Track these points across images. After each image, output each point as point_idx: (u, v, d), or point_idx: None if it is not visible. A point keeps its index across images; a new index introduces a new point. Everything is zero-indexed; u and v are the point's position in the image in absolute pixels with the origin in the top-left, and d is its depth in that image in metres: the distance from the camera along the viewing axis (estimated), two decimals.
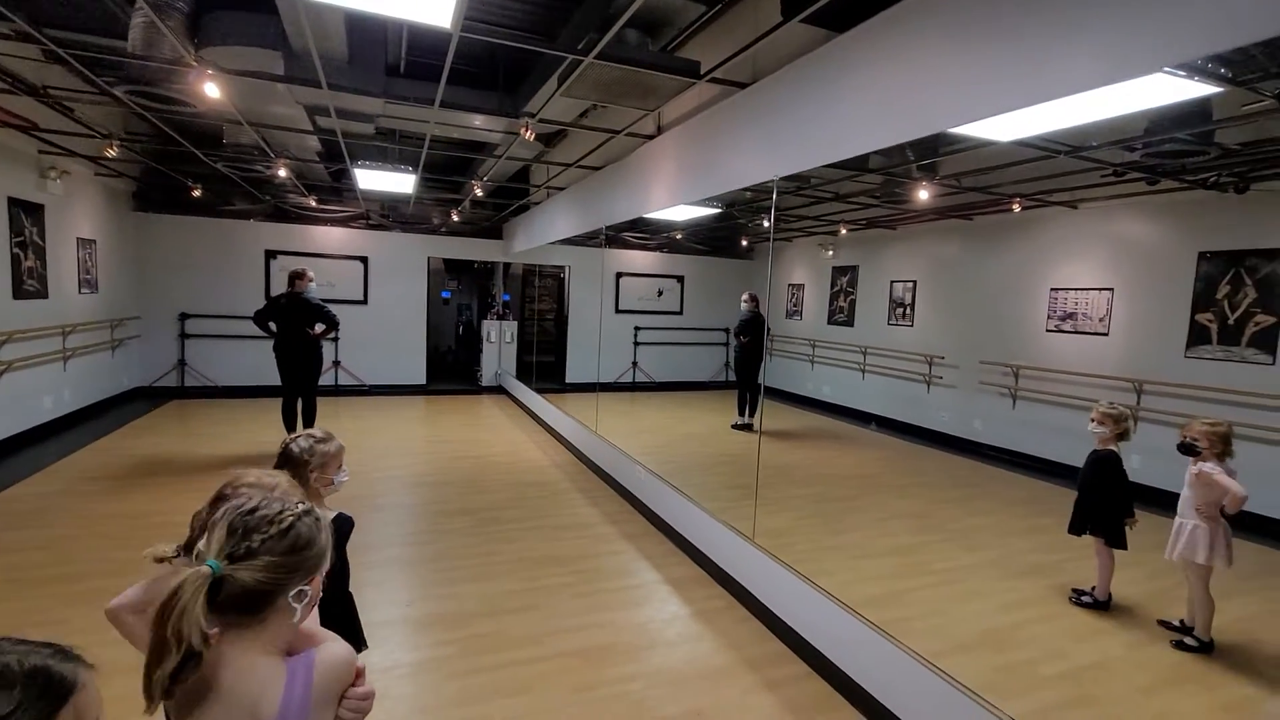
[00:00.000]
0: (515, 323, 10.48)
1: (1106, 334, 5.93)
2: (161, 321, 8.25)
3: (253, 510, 0.93)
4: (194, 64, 3.33)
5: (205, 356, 8.44)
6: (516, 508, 4.66)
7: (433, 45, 4.24)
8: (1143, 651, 2.98)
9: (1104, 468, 3.33)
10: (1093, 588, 3.40)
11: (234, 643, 0.89)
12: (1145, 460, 5.51)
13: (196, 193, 7.30)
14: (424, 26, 2.63)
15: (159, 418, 7.15)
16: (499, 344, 10.28)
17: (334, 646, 0.99)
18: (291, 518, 0.94)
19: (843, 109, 2.66)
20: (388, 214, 9.26)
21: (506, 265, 10.87)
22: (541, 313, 11.71)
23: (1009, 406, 6.68)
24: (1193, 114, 3.60)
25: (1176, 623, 3.12)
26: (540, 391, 8.21)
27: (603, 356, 9.90)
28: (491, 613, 3.10)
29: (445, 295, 12.24)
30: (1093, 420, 3.37)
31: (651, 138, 4.53)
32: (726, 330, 10.95)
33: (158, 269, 8.18)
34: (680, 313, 10.87)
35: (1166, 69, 1.99)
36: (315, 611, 1.09)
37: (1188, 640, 2.99)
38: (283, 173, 5.87)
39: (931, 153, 4.80)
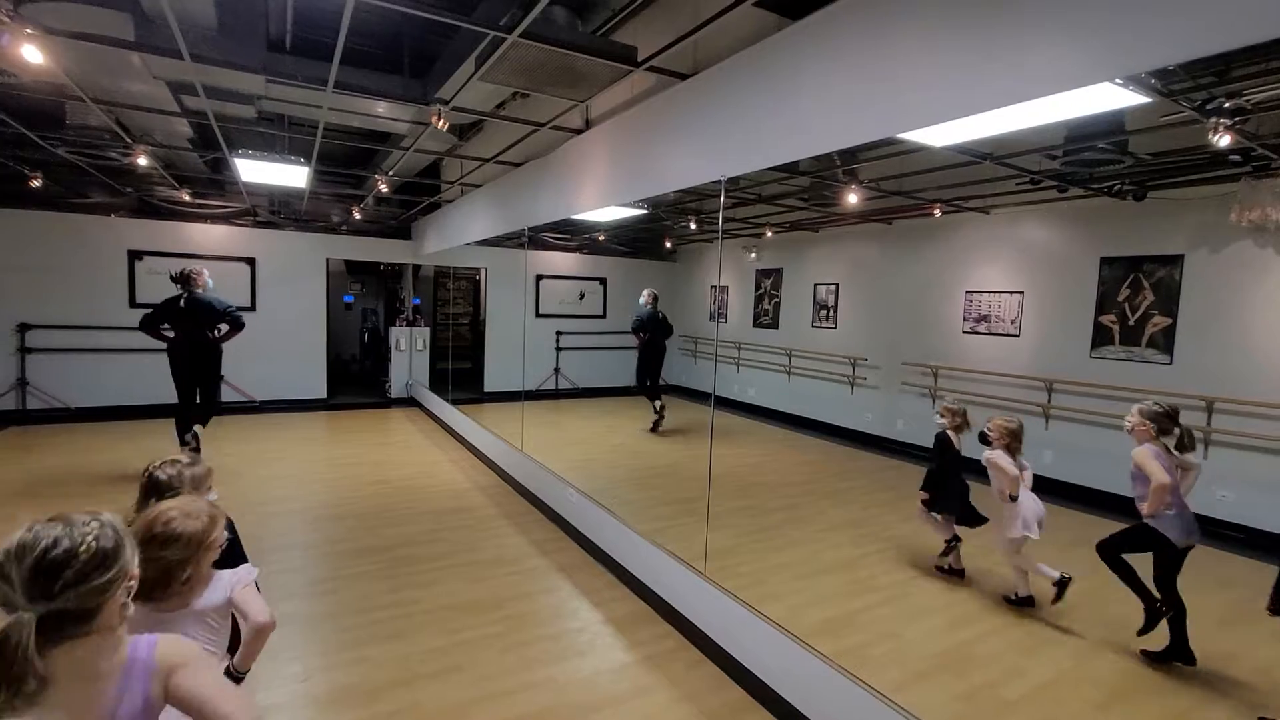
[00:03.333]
0: (427, 329, 9.78)
1: (1018, 335, 6.16)
2: None
3: (51, 548, 0.93)
4: (6, 19, 2.65)
5: (54, 374, 7.23)
6: (435, 542, 4.17)
7: (324, 20, 3.69)
8: (1092, 664, 2.96)
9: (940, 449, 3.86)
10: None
11: (69, 652, 0.92)
12: (1056, 456, 5.77)
13: (36, 183, 6.20)
14: None
15: None
16: (409, 352, 9.55)
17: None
18: (91, 540, 0.96)
19: (798, 105, 2.43)
20: (278, 210, 8.34)
21: (416, 267, 10.13)
22: (456, 317, 11.04)
23: (929, 406, 6.83)
24: (1113, 124, 3.70)
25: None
26: (456, 403, 7.64)
27: (524, 363, 9.41)
28: (407, 679, 2.65)
29: (348, 300, 11.31)
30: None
31: (580, 132, 4.18)
32: None
33: None
34: (603, 316, 10.55)
35: (1117, 80, 1.99)
36: None
37: (1011, 597, 3.42)
38: (143, 161, 5.03)
39: (856, 157, 4.75)
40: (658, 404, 7.44)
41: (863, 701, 2.20)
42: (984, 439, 3.49)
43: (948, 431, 3.85)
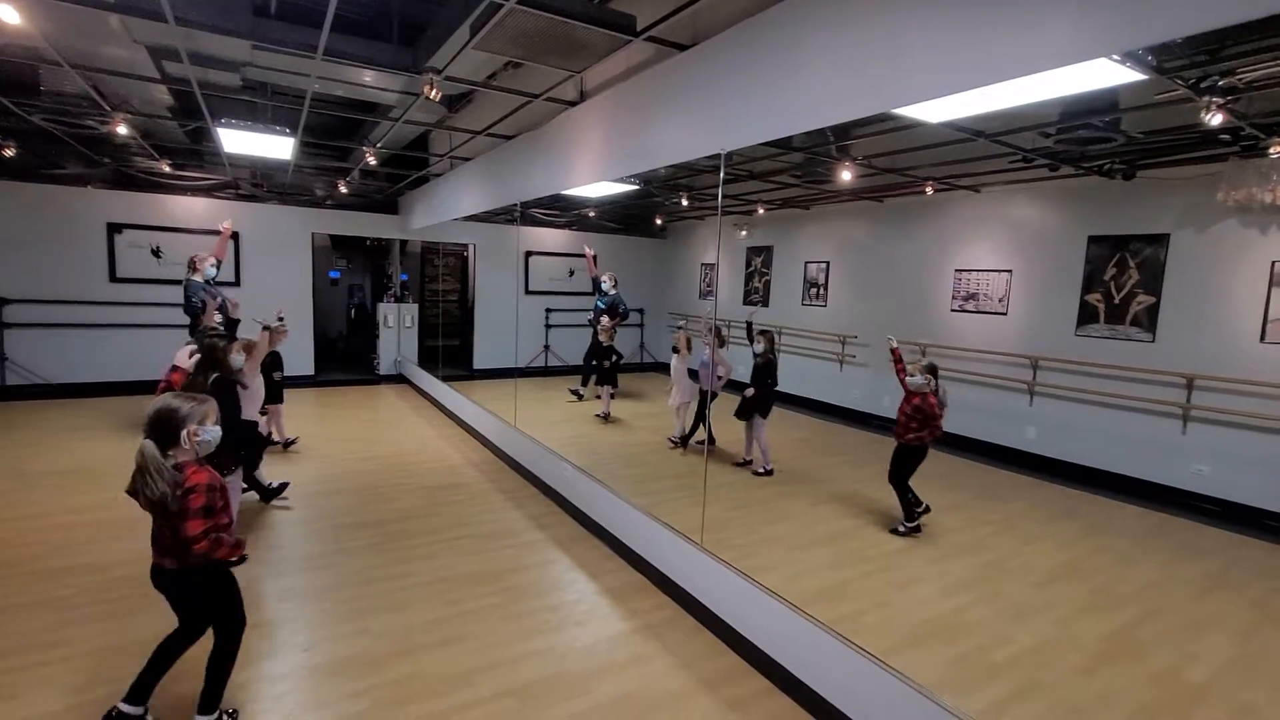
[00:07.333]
0: (415, 305, 9.68)
1: (1005, 313, 6.23)
2: None
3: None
4: None
5: (32, 350, 7.09)
6: (430, 516, 4.19)
7: None
8: (1075, 629, 3.06)
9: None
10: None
11: None
12: (1040, 432, 5.89)
13: (9, 152, 6.00)
14: None
15: None
16: (398, 329, 9.46)
17: None
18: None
19: (801, 77, 2.41)
20: (261, 183, 8.15)
21: (404, 242, 9.99)
22: (444, 293, 10.92)
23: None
24: (1107, 102, 3.71)
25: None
26: (446, 379, 7.61)
27: (517, 340, 9.37)
28: (409, 650, 2.68)
29: (334, 275, 11.15)
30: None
31: (574, 104, 4.12)
32: (642, 311, 10.74)
33: None
34: (593, 293, 10.48)
35: (1114, 56, 2.00)
36: None
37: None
38: (122, 130, 4.88)
39: (850, 134, 4.72)
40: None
41: (857, 665, 2.26)
42: (674, 349, 6.08)
43: (605, 343, 6.94)
